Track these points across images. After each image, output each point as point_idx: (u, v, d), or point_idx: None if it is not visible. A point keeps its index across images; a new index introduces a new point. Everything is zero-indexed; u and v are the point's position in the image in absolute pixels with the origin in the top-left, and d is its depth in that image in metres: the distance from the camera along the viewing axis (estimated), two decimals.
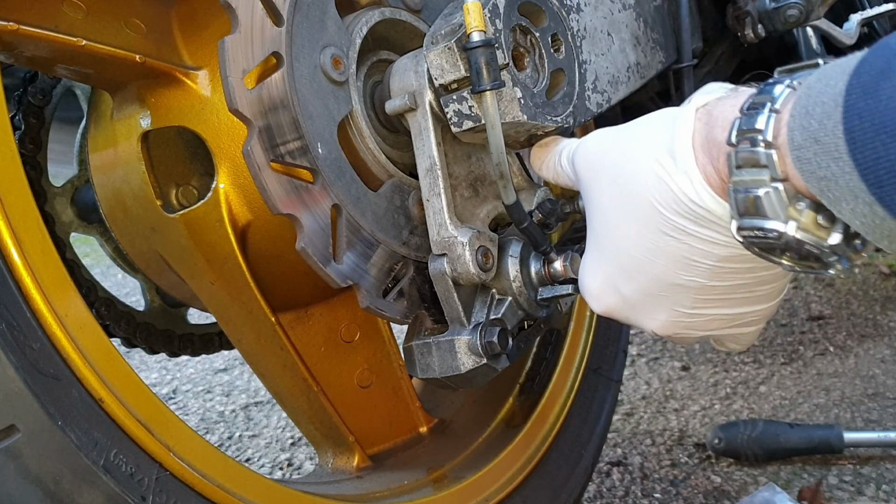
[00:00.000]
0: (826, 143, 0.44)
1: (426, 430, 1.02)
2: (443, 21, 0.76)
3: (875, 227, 0.45)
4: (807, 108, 0.46)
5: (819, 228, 0.50)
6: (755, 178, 0.50)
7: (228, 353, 2.02)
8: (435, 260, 0.77)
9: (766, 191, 0.49)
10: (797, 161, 0.47)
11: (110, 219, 0.92)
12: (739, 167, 0.51)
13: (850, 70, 0.45)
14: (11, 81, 0.99)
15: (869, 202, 0.43)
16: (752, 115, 0.50)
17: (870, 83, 0.42)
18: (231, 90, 0.69)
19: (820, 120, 0.44)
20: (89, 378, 0.62)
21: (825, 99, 0.45)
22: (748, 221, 0.51)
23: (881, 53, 0.44)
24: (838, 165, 0.44)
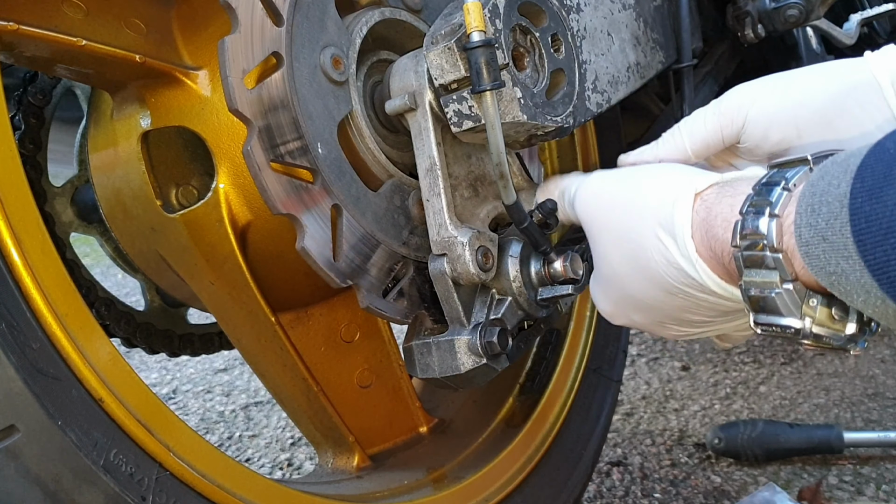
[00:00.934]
0: (834, 241, 0.46)
1: (426, 430, 1.02)
2: (443, 21, 0.76)
3: (889, 317, 0.47)
4: (812, 207, 0.48)
5: (834, 321, 0.52)
6: (766, 280, 0.52)
7: (228, 353, 2.01)
8: (435, 260, 0.77)
9: (779, 292, 0.52)
10: (806, 256, 0.49)
11: (110, 219, 0.92)
12: (748, 267, 0.53)
13: (853, 172, 0.47)
14: (11, 81, 0.99)
15: (881, 297, 0.45)
16: (754, 219, 0.53)
17: (874, 188, 0.45)
18: (231, 90, 0.69)
19: (827, 220, 0.47)
20: (89, 378, 0.62)
21: (830, 199, 0.47)
22: (764, 318, 0.54)
23: (882, 158, 0.46)
24: (848, 263, 0.46)
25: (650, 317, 0.67)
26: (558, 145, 1.26)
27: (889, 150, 0.46)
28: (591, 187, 0.70)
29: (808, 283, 0.52)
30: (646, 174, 0.66)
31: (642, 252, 0.61)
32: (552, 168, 1.27)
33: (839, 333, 0.52)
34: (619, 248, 0.65)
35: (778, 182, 0.53)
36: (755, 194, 0.54)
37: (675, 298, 0.62)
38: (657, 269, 0.60)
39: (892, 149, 0.46)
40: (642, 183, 0.65)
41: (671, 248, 0.59)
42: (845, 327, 0.52)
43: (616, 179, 0.69)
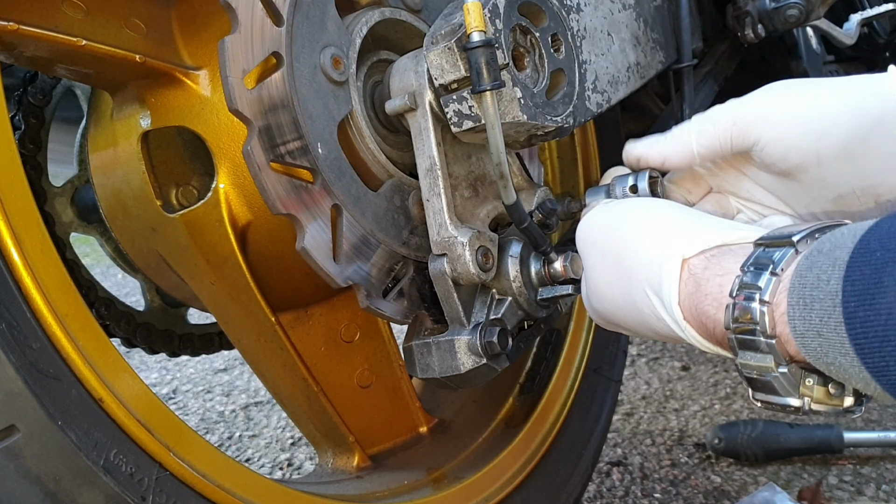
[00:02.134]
0: (831, 339, 0.48)
1: (426, 430, 1.02)
2: (443, 21, 0.75)
3: (889, 399, 0.49)
4: (804, 301, 0.50)
5: (831, 398, 0.54)
6: (761, 365, 0.54)
7: (228, 353, 2.01)
8: (435, 260, 0.77)
9: (775, 375, 0.54)
10: (803, 347, 0.50)
11: (110, 219, 0.92)
12: (742, 349, 0.55)
13: (842, 270, 0.48)
14: (11, 81, 0.99)
15: (881, 391, 0.47)
16: (746, 303, 0.54)
17: (864, 294, 0.46)
18: (231, 90, 0.69)
19: (821, 317, 0.48)
20: (89, 378, 0.62)
21: (821, 295, 0.49)
22: (763, 396, 0.56)
23: (869, 261, 0.47)
24: (847, 360, 0.47)
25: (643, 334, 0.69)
26: (558, 145, 1.26)
27: (875, 252, 0.47)
28: (591, 222, 0.70)
29: (802, 364, 0.53)
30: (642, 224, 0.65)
31: (633, 302, 0.63)
32: (552, 168, 1.27)
33: (837, 408, 0.54)
34: (612, 289, 0.66)
35: (766, 266, 0.54)
36: (744, 276, 0.55)
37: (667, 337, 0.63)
38: (648, 320, 0.62)
39: (878, 251, 0.47)
40: (636, 231, 0.65)
41: (660, 309, 0.60)
42: (843, 402, 0.54)
43: (614, 220, 0.68)
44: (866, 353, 0.46)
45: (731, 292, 0.55)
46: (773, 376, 0.54)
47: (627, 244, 0.64)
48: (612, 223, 0.68)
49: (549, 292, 0.81)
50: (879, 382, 0.47)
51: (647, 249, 0.62)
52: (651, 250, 0.62)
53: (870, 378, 0.47)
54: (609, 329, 0.72)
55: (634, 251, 0.63)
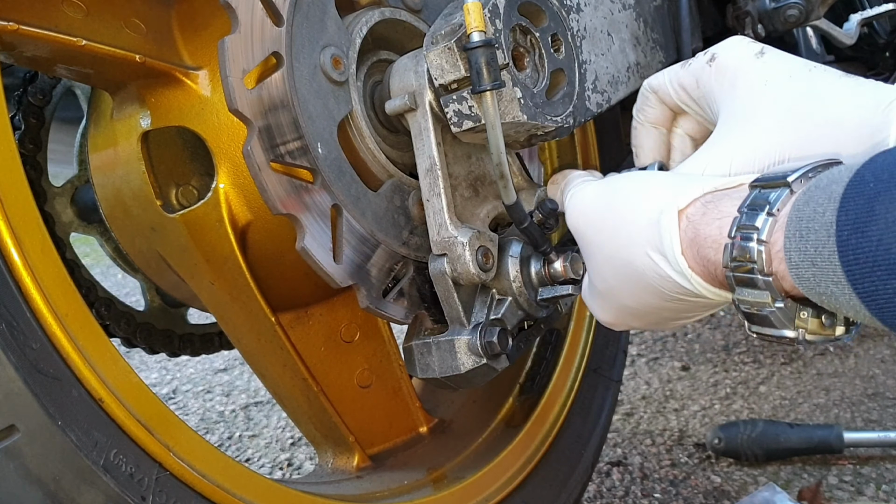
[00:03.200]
0: (824, 268, 0.50)
1: (426, 430, 1.02)
2: (443, 21, 0.75)
3: (877, 326, 0.51)
4: (800, 233, 0.52)
5: (824, 328, 0.57)
6: (758, 300, 0.56)
7: (228, 353, 2.01)
8: (435, 260, 0.77)
9: (771, 310, 0.56)
10: (797, 278, 0.52)
11: (110, 219, 0.92)
12: (739, 286, 0.57)
13: (837, 202, 0.50)
14: (11, 81, 0.99)
15: (870, 316, 0.49)
16: (743, 244, 0.55)
17: (857, 222, 0.48)
18: (231, 90, 0.69)
19: (815, 247, 0.50)
20: (89, 378, 0.62)
21: (816, 226, 0.51)
22: (759, 328, 0.58)
23: (863, 192, 0.49)
24: (838, 288, 0.49)
25: (649, 320, 0.69)
26: (558, 145, 1.26)
27: (868, 183, 0.49)
28: (580, 202, 0.70)
29: (797, 297, 0.55)
30: (631, 190, 0.66)
31: (635, 269, 0.64)
32: (552, 168, 1.27)
33: (830, 337, 0.57)
34: (612, 264, 0.66)
35: (762, 206, 0.55)
36: (741, 217, 0.56)
37: (671, 303, 0.64)
38: (652, 283, 0.63)
39: (872, 182, 0.49)
40: (629, 200, 0.65)
41: (663, 265, 0.61)
42: (835, 331, 0.57)
43: (603, 194, 0.69)
44: (857, 280, 0.48)
45: (728, 233, 0.57)
46: (769, 311, 0.56)
47: (621, 213, 0.65)
48: (602, 198, 0.68)
49: (550, 292, 0.81)
50: (868, 308, 0.48)
51: (643, 211, 0.63)
52: (646, 211, 0.63)
53: (860, 304, 0.48)
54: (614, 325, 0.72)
55: (630, 217, 0.64)
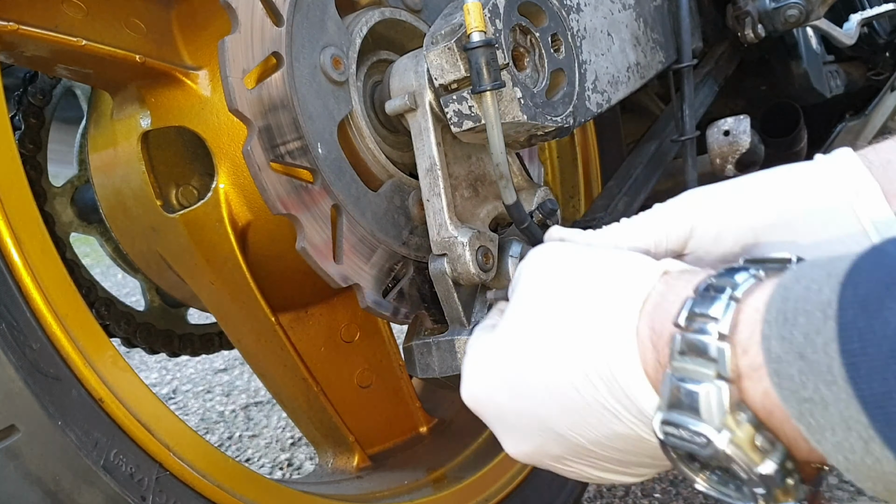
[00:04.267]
0: (815, 362, 0.38)
1: (426, 430, 1.02)
2: (443, 21, 0.75)
3: (864, 467, 0.38)
4: (785, 315, 0.40)
5: (754, 449, 0.43)
6: (698, 370, 0.44)
7: (228, 353, 2.01)
8: (435, 260, 0.77)
9: (708, 388, 0.43)
10: (776, 375, 0.40)
11: (110, 219, 0.92)
12: (683, 353, 0.45)
13: (841, 277, 0.38)
14: (11, 81, 0.99)
15: (866, 439, 0.36)
16: (708, 299, 0.45)
17: (871, 299, 0.36)
18: (231, 90, 0.69)
19: (805, 333, 0.38)
20: (89, 378, 0.63)
21: (808, 307, 0.39)
22: (676, 417, 0.45)
23: (882, 262, 0.37)
24: (831, 391, 0.37)
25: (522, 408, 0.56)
26: (558, 145, 1.26)
27: (891, 253, 0.37)
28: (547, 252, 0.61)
29: (747, 398, 0.43)
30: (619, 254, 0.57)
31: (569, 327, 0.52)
32: (552, 168, 1.27)
33: (753, 465, 0.43)
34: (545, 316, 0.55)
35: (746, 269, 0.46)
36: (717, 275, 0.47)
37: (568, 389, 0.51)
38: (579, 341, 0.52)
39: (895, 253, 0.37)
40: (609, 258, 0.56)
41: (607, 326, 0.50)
42: (762, 462, 0.43)
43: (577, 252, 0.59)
44: (862, 378, 0.35)
45: (696, 288, 0.46)
46: (704, 388, 0.43)
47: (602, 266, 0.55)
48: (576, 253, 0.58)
49: None
50: (871, 417, 0.35)
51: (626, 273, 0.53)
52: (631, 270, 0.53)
53: (859, 412, 0.36)
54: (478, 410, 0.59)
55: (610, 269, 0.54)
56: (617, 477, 0.57)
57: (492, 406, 0.58)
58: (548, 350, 0.53)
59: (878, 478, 0.38)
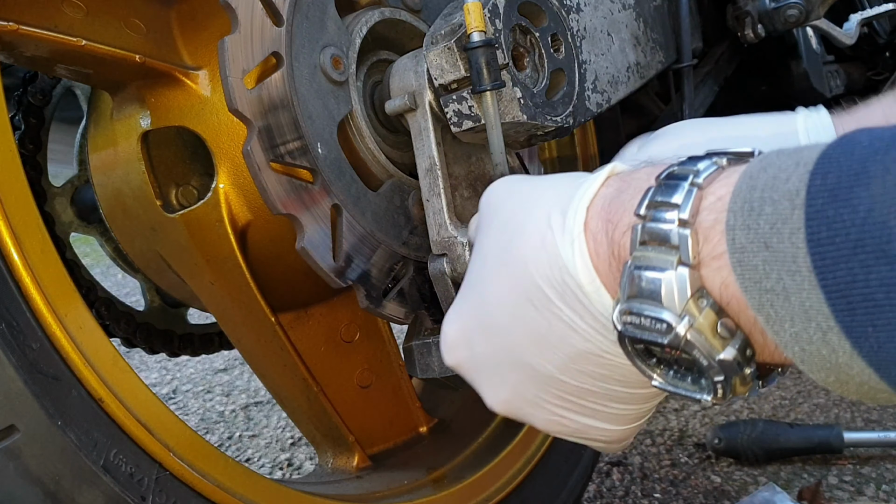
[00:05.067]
0: (781, 251, 0.37)
1: (426, 430, 1.02)
2: (442, 21, 0.75)
3: (818, 358, 0.38)
4: (751, 204, 0.39)
5: (715, 336, 0.42)
6: (660, 257, 0.42)
7: (228, 353, 2.01)
8: (435, 260, 0.77)
9: (670, 274, 0.42)
10: (738, 265, 0.39)
11: (110, 219, 0.92)
12: (644, 243, 0.44)
13: (810, 165, 0.37)
14: (11, 81, 0.99)
15: (825, 329, 0.36)
16: (670, 187, 0.43)
17: (840, 188, 0.35)
18: (231, 90, 0.69)
19: (772, 222, 0.37)
20: (89, 378, 0.62)
21: (776, 196, 0.37)
22: (637, 305, 0.43)
23: (851, 151, 0.36)
24: (794, 280, 0.36)
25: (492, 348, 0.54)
26: (558, 145, 1.26)
27: (861, 142, 0.36)
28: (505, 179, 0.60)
29: (708, 284, 0.42)
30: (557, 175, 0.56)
31: (518, 237, 0.51)
32: (552, 168, 1.27)
33: (713, 351, 0.42)
34: (497, 237, 0.54)
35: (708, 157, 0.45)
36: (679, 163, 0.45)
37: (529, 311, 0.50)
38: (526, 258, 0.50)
39: (867, 141, 0.36)
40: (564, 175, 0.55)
41: (555, 225, 0.49)
42: (723, 348, 0.42)
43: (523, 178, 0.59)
44: (827, 266, 0.34)
45: (657, 177, 0.45)
46: (666, 274, 0.42)
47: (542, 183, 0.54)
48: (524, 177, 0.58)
49: None
50: (834, 309, 0.35)
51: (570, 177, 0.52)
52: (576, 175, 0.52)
53: (819, 307, 0.35)
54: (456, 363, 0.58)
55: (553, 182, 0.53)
56: (594, 422, 0.54)
57: (468, 354, 0.57)
58: (504, 274, 0.52)
59: (831, 369, 0.38)
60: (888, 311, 0.33)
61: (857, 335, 0.35)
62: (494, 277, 0.53)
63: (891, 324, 0.33)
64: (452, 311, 0.59)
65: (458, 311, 0.58)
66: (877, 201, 0.33)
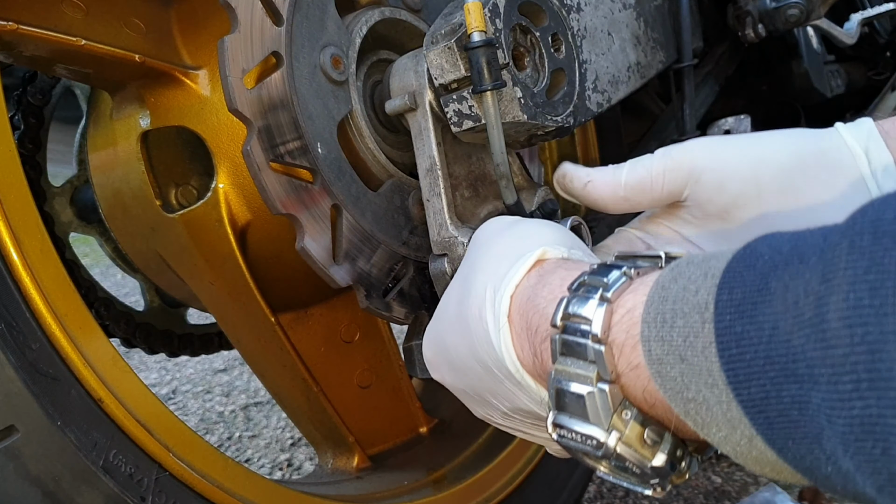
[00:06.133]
0: (696, 364, 0.38)
1: (426, 430, 1.02)
2: (443, 21, 0.75)
3: (750, 458, 0.39)
4: (663, 315, 0.40)
5: (643, 446, 0.44)
6: (580, 373, 0.44)
7: (228, 353, 2.01)
8: (435, 260, 0.77)
9: (591, 391, 0.43)
10: (658, 377, 0.40)
11: (109, 219, 0.91)
12: (564, 354, 0.45)
13: (717, 279, 0.38)
14: (11, 81, 0.99)
15: (749, 437, 0.37)
16: (581, 299, 0.45)
17: (745, 304, 0.36)
18: (230, 90, 0.69)
19: (685, 336, 0.38)
20: (88, 378, 0.62)
21: (686, 308, 0.39)
22: (566, 420, 0.45)
23: (754, 265, 0.37)
24: (713, 393, 0.37)
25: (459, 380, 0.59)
26: (558, 145, 1.26)
27: (762, 255, 0.37)
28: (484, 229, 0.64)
29: (629, 394, 0.43)
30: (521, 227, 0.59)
31: (468, 300, 0.55)
32: (552, 168, 1.27)
33: (644, 461, 0.44)
34: (459, 286, 0.58)
35: (618, 266, 0.46)
36: (591, 272, 0.47)
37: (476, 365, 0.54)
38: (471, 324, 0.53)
39: (767, 255, 0.37)
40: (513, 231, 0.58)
41: (489, 310, 0.52)
42: (653, 456, 0.44)
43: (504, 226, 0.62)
44: (741, 382, 0.35)
45: (569, 286, 0.47)
46: (587, 391, 0.43)
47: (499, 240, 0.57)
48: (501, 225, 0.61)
49: None
50: (753, 421, 0.36)
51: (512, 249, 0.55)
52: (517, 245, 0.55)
53: (741, 415, 0.36)
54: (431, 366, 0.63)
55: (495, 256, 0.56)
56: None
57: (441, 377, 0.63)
58: (458, 327, 0.56)
59: (763, 465, 0.39)
60: (803, 427, 0.34)
61: (780, 447, 0.36)
62: (451, 329, 0.57)
63: (807, 438, 0.34)
64: (428, 333, 0.63)
65: (430, 337, 0.63)
66: (780, 319, 0.34)
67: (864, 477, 0.32)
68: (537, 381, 0.50)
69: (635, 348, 0.42)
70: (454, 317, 0.57)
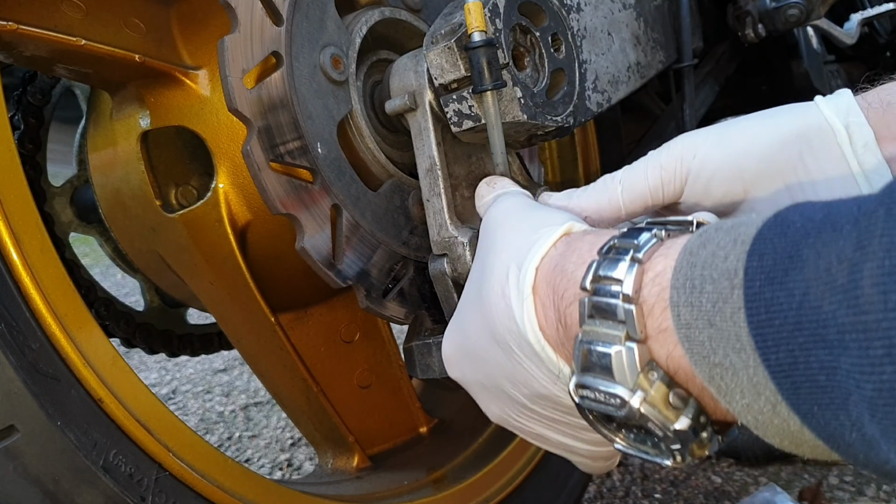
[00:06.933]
0: (724, 329, 0.38)
1: (426, 430, 1.02)
2: (443, 20, 0.75)
3: (771, 427, 0.39)
4: (692, 281, 0.40)
5: (668, 407, 0.43)
6: (609, 332, 0.44)
7: (228, 353, 2.01)
8: (435, 260, 0.77)
9: (619, 349, 0.43)
10: (686, 341, 0.40)
11: (109, 219, 0.91)
12: (592, 317, 0.45)
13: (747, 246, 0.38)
14: (11, 81, 0.99)
15: (774, 402, 0.37)
16: (612, 261, 0.45)
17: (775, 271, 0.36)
18: (230, 90, 0.69)
19: (713, 301, 0.39)
20: (88, 378, 0.62)
21: (715, 274, 0.39)
22: (591, 380, 0.45)
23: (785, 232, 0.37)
24: (740, 358, 0.37)
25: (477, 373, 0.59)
26: (558, 145, 1.26)
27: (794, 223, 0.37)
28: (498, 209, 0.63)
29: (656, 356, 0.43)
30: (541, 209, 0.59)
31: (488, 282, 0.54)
32: (552, 168, 1.27)
33: (668, 422, 0.43)
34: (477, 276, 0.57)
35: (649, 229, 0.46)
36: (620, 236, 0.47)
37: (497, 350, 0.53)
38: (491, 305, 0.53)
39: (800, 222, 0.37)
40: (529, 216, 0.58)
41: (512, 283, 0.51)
42: (677, 419, 0.43)
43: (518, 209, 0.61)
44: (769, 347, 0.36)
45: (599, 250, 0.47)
46: (615, 350, 0.43)
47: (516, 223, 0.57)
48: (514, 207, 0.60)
49: None
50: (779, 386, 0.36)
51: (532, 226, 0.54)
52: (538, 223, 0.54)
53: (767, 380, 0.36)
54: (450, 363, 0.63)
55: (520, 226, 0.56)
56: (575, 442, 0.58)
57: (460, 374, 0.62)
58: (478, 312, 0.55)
59: (784, 435, 0.39)
60: (830, 392, 0.34)
61: (805, 412, 0.36)
62: (471, 313, 0.57)
63: (833, 403, 0.34)
64: (448, 330, 0.63)
65: (450, 332, 0.63)
66: (811, 286, 0.34)
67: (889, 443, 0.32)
68: (558, 353, 0.50)
69: (665, 311, 0.42)
70: (474, 300, 0.57)
